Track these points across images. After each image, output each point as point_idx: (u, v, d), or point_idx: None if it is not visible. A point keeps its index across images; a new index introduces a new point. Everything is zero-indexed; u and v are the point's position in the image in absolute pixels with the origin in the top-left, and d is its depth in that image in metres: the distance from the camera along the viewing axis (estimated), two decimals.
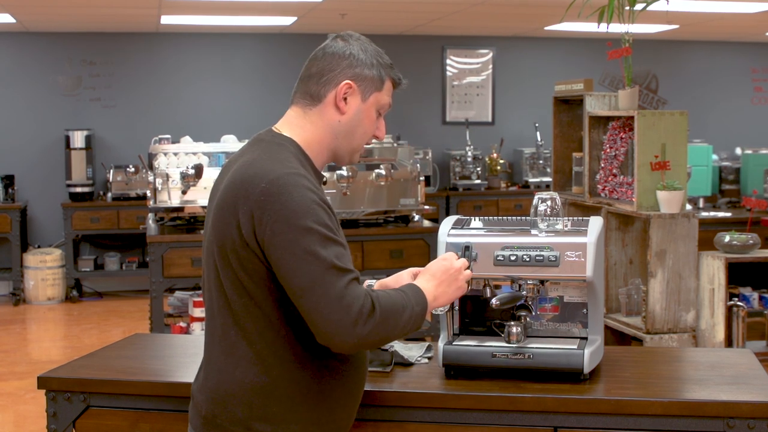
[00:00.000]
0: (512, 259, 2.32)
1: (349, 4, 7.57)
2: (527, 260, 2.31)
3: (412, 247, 6.02)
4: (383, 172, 5.89)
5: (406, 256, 5.96)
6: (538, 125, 9.08)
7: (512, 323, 2.37)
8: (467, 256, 2.30)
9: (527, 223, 2.46)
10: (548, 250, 2.31)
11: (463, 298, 2.47)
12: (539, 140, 9.16)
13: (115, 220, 8.58)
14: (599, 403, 2.23)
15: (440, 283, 2.13)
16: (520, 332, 2.35)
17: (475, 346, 2.39)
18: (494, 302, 2.33)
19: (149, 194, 5.85)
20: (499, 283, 2.44)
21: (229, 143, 6.37)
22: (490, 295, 2.40)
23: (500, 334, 2.42)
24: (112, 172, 8.58)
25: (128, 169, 8.53)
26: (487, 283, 2.41)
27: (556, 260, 2.30)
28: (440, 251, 2.36)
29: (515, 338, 2.35)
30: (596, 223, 2.40)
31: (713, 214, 7.12)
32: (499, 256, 2.33)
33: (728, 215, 7.07)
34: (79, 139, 8.60)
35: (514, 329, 2.35)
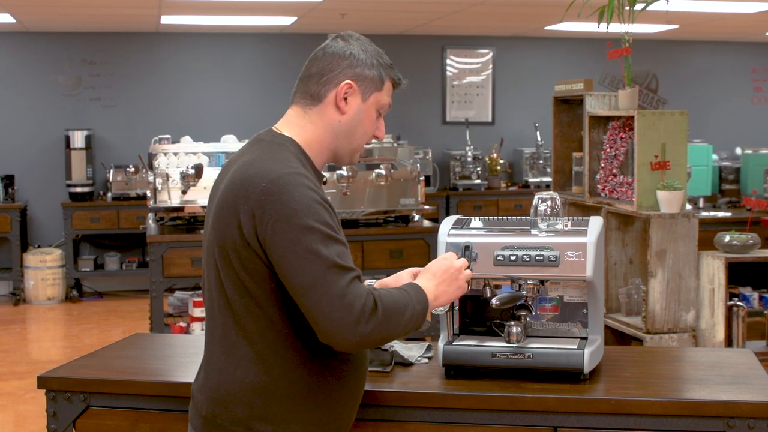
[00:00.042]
0: (512, 259, 2.32)
1: (349, 4, 7.57)
2: (527, 260, 2.32)
3: (412, 247, 6.01)
4: (383, 172, 5.88)
5: (406, 256, 5.96)
6: (538, 125, 9.08)
7: (512, 323, 2.37)
8: (467, 256, 2.30)
9: (527, 223, 2.46)
10: (548, 250, 2.31)
11: (463, 298, 2.47)
12: (539, 140, 9.16)
13: (115, 220, 8.58)
14: (599, 403, 2.24)
15: (441, 282, 2.13)
16: (520, 332, 2.35)
17: (475, 346, 2.39)
18: (494, 302, 2.33)
19: (149, 194, 5.85)
20: (499, 283, 2.44)
21: (229, 143, 6.37)
22: (490, 295, 2.40)
23: (500, 334, 2.42)
24: (112, 172, 8.58)
25: (128, 169, 8.53)
26: (487, 283, 2.41)
27: (556, 260, 2.30)
28: (440, 251, 2.36)
29: (515, 338, 2.35)
30: (596, 223, 2.40)
31: (713, 214, 7.12)
32: (499, 256, 2.33)
33: (728, 215, 7.07)
34: (79, 139, 8.60)
35: (514, 329, 2.35)
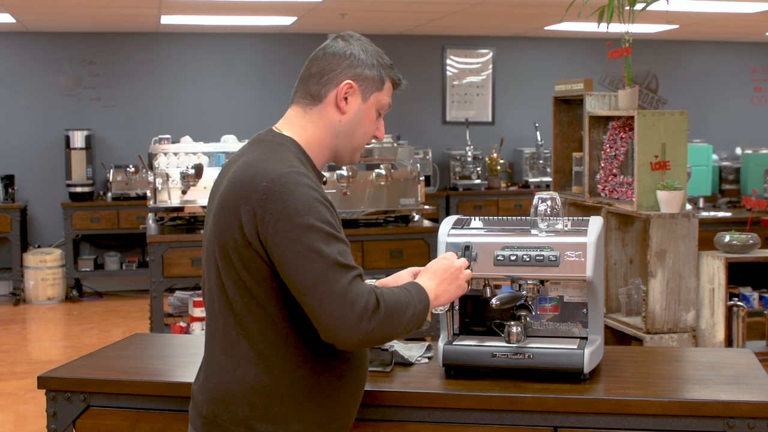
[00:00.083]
0: (512, 259, 2.32)
1: (349, 4, 7.57)
2: (527, 260, 2.31)
3: (412, 247, 6.01)
4: (383, 172, 5.88)
5: (406, 256, 5.96)
6: (538, 125, 9.07)
7: (512, 323, 2.37)
8: (467, 255, 2.30)
9: (527, 223, 2.46)
10: (548, 250, 2.31)
11: (463, 298, 2.47)
12: (539, 140, 9.16)
13: (115, 220, 8.58)
14: (599, 403, 2.24)
15: (441, 281, 2.13)
16: (520, 332, 2.35)
17: (475, 345, 2.39)
18: (494, 302, 2.33)
19: (149, 194, 5.85)
20: (499, 283, 2.44)
21: (229, 143, 6.37)
22: (490, 295, 2.40)
23: (500, 334, 2.42)
24: (112, 172, 8.58)
25: (128, 169, 8.53)
26: (487, 283, 2.41)
27: (556, 260, 2.30)
28: (440, 251, 2.36)
29: (515, 338, 2.35)
30: (596, 223, 2.40)
31: (713, 214, 7.12)
32: (499, 256, 2.33)
33: (728, 215, 7.07)
34: (79, 139, 8.60)
35: (514, 329, 2.35)
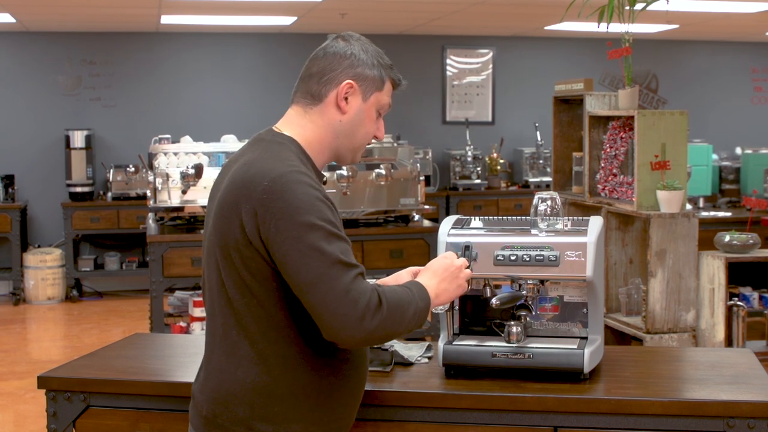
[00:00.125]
0: (512, 258, 2.32)
1: (349, 3, 7.57)
2: (527, 260, 2.31)
3: (412, 246, 6.01)
4: (383, 171, 5.88)
5: (406, 255, 5.96)
6: (538, 125, 9.08)
7: (512, 323, 2.37)
8: (467, 255, 2.30)
9: (527, 222, 2.46)
10: (548, 249, 2.31)
11: (463, 297, 2.47)
12: (539, 140, 9.16)
13: (115, 219, 8.58)
14: (599, 402, 2.23)
15: (442, 280, 2.14)
16: (520, 332, 2.35)
17: (475, 345, 2.39)
18: (494, 302, 2.33)
19: (149, 194, 5.85)
20: (499, 282, 2.44)
21: (229, 143, 6.37)
22: (490, 294, 2.40)
23: (500, 333, 2.42)
24: (112, 171, 8.58)
25: (128, 168, 8.53)
26: (487, 282, 2.41)
27: (556, 260, 2.30)
28: (440, 251, 2.36)
29: (515, 338, 2.35)
30: (596, 222, 2.40)
31: (713, 213, 7.12)
32: (499, 255, 2.33)
33: (728, 215, 7.07)
34: (79, 138, 8.60)
35: (514, 329, 2.35)
